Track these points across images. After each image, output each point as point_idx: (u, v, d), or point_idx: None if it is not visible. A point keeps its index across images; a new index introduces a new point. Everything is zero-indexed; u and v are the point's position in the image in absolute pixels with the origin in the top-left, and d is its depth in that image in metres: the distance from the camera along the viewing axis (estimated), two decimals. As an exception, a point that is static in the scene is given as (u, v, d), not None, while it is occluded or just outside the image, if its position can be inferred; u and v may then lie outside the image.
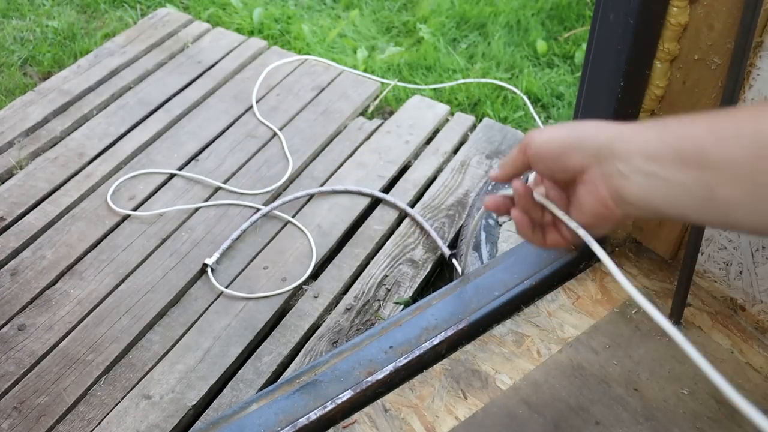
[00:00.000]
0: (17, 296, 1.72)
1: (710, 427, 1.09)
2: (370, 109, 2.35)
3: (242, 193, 2.00)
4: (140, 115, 2.23)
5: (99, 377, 1.58)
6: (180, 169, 2.07)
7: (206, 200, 1.98)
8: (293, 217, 1.95)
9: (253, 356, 1.64)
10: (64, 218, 1.92)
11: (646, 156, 0.57)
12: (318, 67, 2.45)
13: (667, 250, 1.33)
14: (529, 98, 2.43)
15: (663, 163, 0.55)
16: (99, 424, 1.51)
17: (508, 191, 0.75)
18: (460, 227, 1.91)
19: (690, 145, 0.54)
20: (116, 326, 1.67)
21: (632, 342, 1.21)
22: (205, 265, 1.80)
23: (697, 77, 1.11)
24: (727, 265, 1.24)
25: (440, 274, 1.90)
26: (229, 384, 1.59)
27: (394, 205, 1.96)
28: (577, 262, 1.32)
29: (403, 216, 1.98)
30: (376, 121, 2.27)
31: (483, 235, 1.70)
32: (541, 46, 2.65)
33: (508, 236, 1.69)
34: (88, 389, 1.56)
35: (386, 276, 1.81)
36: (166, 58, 2.45)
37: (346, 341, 1.58)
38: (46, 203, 1.95)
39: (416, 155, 2.18)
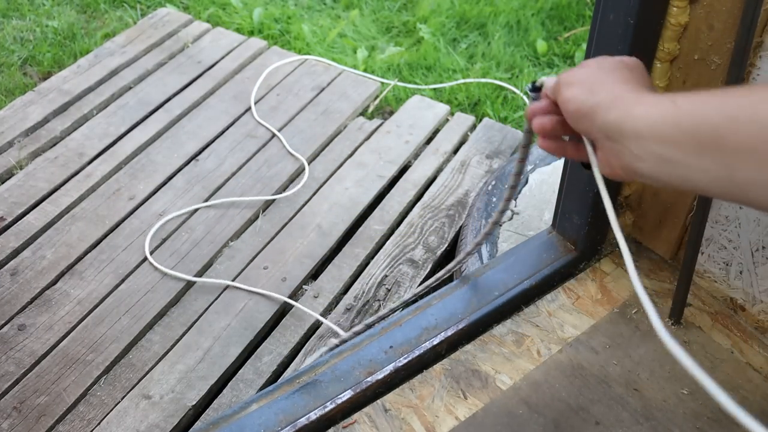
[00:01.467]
0: (17, 296, 1.72)
1: (710, 427, 1.09)
2: (370, 109, 2.35)
3: (249, 199, 2.00)
4: (140, 115, 2.23)
5: (99, 377, 1.58)
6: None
7: (206, 200, 1.98)
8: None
9: (253, 356, 1.64)
10: (64, 218, 1.92)
11: (660, 139, 0.57)
12: (318, 67, 2.45)
13: (667, 250, 1.33)
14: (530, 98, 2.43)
15: (678, 148, 0.56)
16: (99, 424, 1.51)
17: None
18: (460, 227, 1.90)
19: (707, 129, 0.54)
20: (116, 326, 1.67)
21: (632, 342, 1.21)
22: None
23: (697, 77, 1.11)
24: (727, 265, 1.24)
25: (440, 274, 1.90)
26: (229, 384, 1.59)
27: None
28: (577, 262, 1.32)
29: (403, 216, 1.98)
30: (376, 121, 2.27)
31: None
32: (541, 46, 2.65)
33: (508, 236, 1.69)
34: (88, 389, 1.56)
35: (386, 276, 1.81)
36: (166, 58, 2.45)
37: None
38: (46, 203, 1.95)
39: (416, 155, 2.18)
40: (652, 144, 0.58)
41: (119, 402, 1.54)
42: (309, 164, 2.11)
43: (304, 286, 1.80)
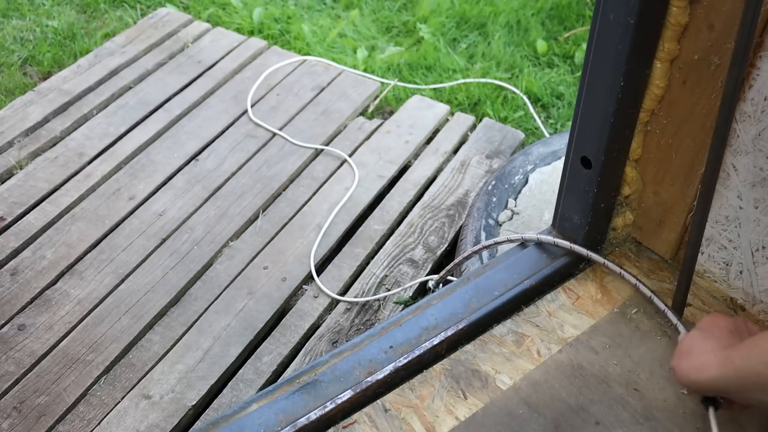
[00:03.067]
0: (17, 296, 1.72)
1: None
2: (370, 109, 2.35)
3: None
4: (140, 115, 2.23)
5: (99, 377, 1.58)
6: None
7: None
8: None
9: (253, 356, 1.64)
10: (64, 218, 1.92)
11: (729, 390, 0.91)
12: (318, 67, 2.45)
13: (667, 250, 1.33)
14: (529, 98, 2.43)
15: (746, 390, 0.87)
16: (99, 424, 1.51)
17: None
18: (460, 227, 1.91)
19: (754, 377, 0.84)
20: (116, 326, 1.67)
21: (632, 342, 1.21)
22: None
23: (697, 77, 1.11)
24: (727, 265, 1.24)
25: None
26: (229, 384, 1.59)
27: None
28: (577, 262, 1.32)
29: (403, 216, 1.98)
30: (376, 121, 2.27)
31: (483, 235, 1.70)
32: (541, 46, 2.65)
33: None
34: (88, 389, 1.56)
35: (386, 276, 1.81)
36: (166, 58, 2.45)
37: (346, 341, 1.58)
38: (46, 203, 1.95)
39: (416, 155, 2.18)
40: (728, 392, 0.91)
41: (119, 402, 1.54)
42: (308, 165, 2.11)
43: (304, 286, 1.80)
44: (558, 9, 2.81)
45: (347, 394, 1.12)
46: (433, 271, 1.85)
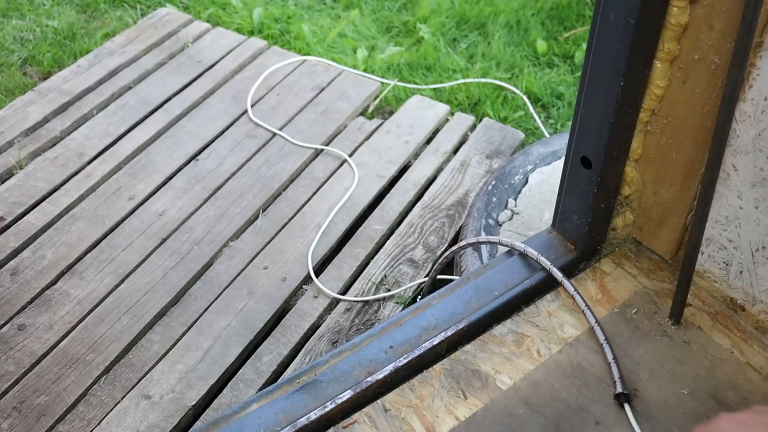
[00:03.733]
0: (17, 296, 1.72)
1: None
2: (370, 109, 2.35)
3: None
4: (140, 115, 2.23)
5: (99, 377, 1.58)
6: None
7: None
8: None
9: (253, 356, 1.64)
10: (64, 218, 1.92)
11: None
12: (318, 67, 2.45)
13: (667, 250, 1.33)
14: (529, 98, 2.43)
15: None
16: (99, 424, 1.51)
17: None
18: (460, 227, 1.90)
19: None
20: (116, 326, 1.67)
21: (632, 342, 1.21)
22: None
23: (697, 77, 1.11)
24: (727, 265, 1.24)
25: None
26: (229, 384, 1.59)
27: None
28: (577, 262, 1.32)
29: (403, 216, 1.98)
30: (376, 121, 2.27)
31: (483, 235, 1.70)
32: (541, 46, 2.65)
33: (508, 236, 1.69)
34: (88, 389, 1.56)
35: (386, 276, 1.81)
36: (166, 58, 2.45)
37: (346, 341, 1.58)
38: (46, 203, 1.95)
39: (416, 155, 2.18)
40: None
41: (119, 402, 1.54)
42: (309, 165, 2.11)
43: (304, 286, 1.80)
44: (558, 9, 2.81)
45: (347, 394, 1.12)
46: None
